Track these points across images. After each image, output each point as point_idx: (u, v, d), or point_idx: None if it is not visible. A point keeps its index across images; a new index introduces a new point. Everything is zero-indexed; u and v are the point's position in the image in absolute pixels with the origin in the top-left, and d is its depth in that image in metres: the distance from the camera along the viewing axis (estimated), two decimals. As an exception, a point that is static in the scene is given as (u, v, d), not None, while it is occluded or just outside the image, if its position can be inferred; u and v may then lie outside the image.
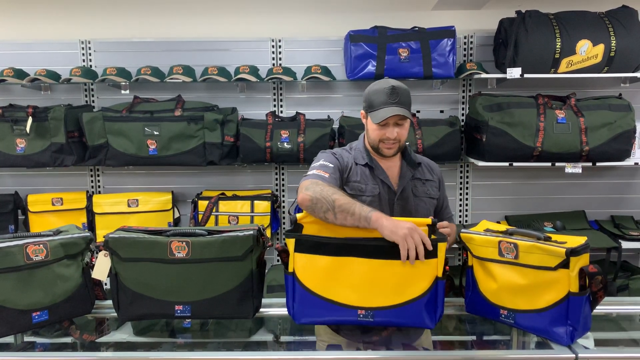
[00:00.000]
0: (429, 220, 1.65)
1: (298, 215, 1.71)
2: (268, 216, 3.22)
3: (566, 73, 3.03)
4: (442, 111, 3.41)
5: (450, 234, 1.77)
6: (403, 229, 1.56)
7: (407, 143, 2.09)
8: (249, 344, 1.75)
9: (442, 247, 1.61)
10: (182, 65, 3.20)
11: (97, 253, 1.73)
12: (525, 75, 2.99)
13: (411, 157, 2.10)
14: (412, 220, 1.70)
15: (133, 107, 3.19)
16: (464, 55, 3.37)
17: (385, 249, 1.60)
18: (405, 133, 2.00)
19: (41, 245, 1.65)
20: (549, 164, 3.04)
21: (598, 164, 3.03)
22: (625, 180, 3.47)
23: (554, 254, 1.49)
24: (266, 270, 1.86)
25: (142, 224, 1.88)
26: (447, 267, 1.64)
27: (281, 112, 3.42)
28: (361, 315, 1.63)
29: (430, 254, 1.59)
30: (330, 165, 1.96)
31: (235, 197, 3.28)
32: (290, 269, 1.66)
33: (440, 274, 1.61)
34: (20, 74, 3.20)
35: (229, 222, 3.20)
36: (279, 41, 3.36)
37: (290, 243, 1.64)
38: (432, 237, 1.62)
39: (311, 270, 1.64)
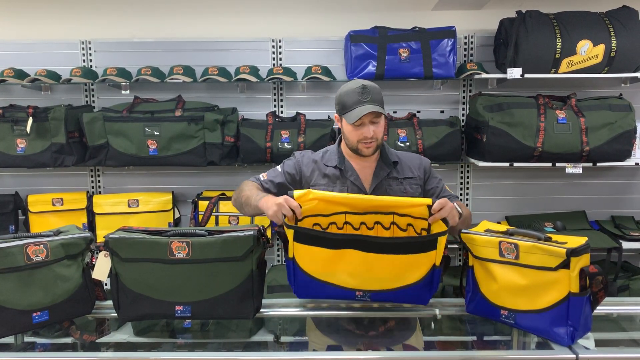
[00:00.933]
0: (429, 200, 1.68)
1: (295, 194, 1.71)
2: (268, 216, 3.22)
3: (567, 73, 3.03)
4: (442, 111, 3.41)
5: (447, 213, 1.68)
6: (271, 208, 1.72)
7: (385, 142, 2.10)
8: (249, 345, 1.75)
9: (442, 240, 1.63)
10: (182, 66, 3.20)
11: (97, 253, 1.73)
12: (526, 76, 2.99)
13: (388, 156, 2.09)
14: (411, 200, 1.72)
15: (133, 108, 3.18)
16: (465, 56, 3.37)
17: (384, 246, 1.62)
18: (381, 130, 2.00)
19: (41, 246, 1.65)
20: (550, 164, 3.04)
21: (598, 164, 3.03)
22: (625, 181, 3.46)
23: (554, 254, 1.49)
24: (266, 271, 1.86)
25: (143, 224, 1.88)
26: (446, 252, 1.67)
27: (281, 112, 3.42)
28: (359, 296, 1.70)
29: (429, 246, 1.62)
30: (278, 169, 2.13)
31: (235, 198, 3.28)
32: (290, 255, 1.70)
33: (437, 263, 1.65)
34: (20, 74, 3.20)
35: (230, 222, 3.20)
36: (279, 41, 3.36)
37: (290, 233, 1.67)
38: (433, 227, 1.67)
39: (310, 258, 1.68)
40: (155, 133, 3.10)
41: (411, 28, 3.16)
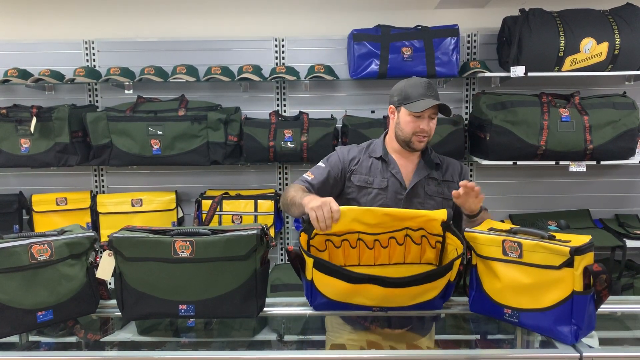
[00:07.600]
0: (444, 213, 1.72)
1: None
2: (272, 215, 3.22)
3: (570, 71, 3.02)
4: (445, 110, 3.40)
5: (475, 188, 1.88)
6: (312, 202, 1.74)
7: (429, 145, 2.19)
8: (253, 343, 1.75)
9: (456, 263, 1.65)
10: (185, 65, 3.21)
11: (101, 253, 1.73)
12: (529, 74, 2.98)
13: (430, 157, 2.17)
14: (428, 213, 1.75)
15: (137, 107, 3.19)
16: (468, 54, 3.36)
17: (402, 283, 1.62)
18: (434, 128, 2.10)
19: (45, 245, 1.66)
20: (553, 162, 3.03)
21: (602, 162, 3.02)
22: (629, 179, 3.45)
23: (558, 253, 1.49)
24: (270, 270, 1.86)
25: (146, 224, 1.88)
26: (462, 267, 1.69)
27: (284, 111, 3.42)
28: (376, 310, 1.72)
29: (447, 270, 1.64)
30: (322, 166, 2.17)
31: (238, 197, 3.29)
32: (308, 277, 1.69)
33: (452, 279, 1.68)
34: (24, 74, 3.21)
35: (233, 221, 3.21)
36: (282, 40, 3.36)
37: (309, 261, 1.66)
38: (448, 240, 1.72)
39: (329, 286, 1.67)
40: (159, 132, 3.11)
41: (414, 26, 3.16)
